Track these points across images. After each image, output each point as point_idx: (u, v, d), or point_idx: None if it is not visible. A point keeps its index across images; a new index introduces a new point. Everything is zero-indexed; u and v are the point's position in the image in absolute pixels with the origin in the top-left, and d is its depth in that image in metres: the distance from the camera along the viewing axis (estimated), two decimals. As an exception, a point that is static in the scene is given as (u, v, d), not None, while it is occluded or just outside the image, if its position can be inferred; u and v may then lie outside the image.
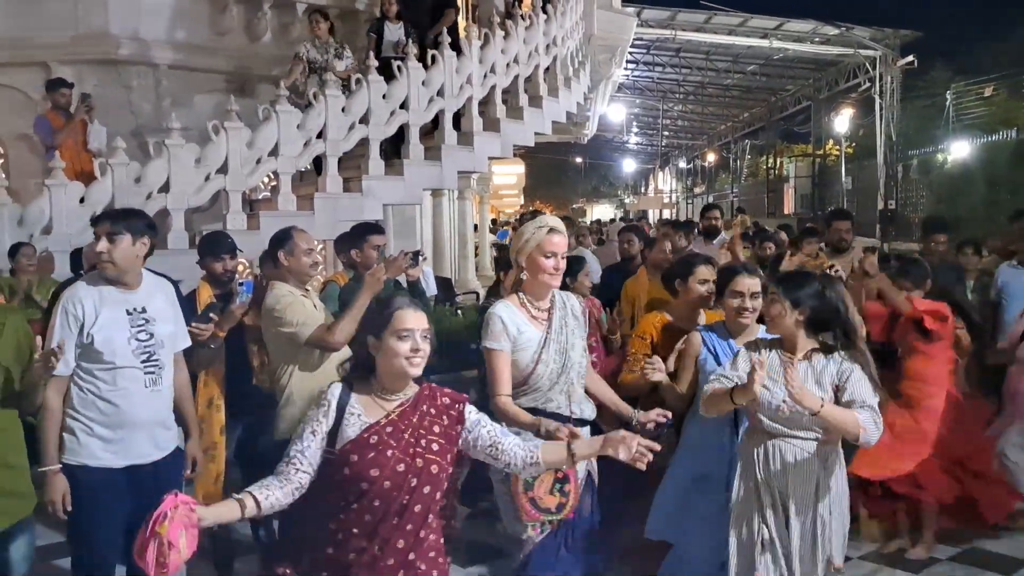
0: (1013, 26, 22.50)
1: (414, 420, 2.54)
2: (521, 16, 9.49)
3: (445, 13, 9.05)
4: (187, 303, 4.32)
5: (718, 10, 21.05)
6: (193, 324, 3.90)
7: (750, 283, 3.73)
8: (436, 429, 2.57)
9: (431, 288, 5.51)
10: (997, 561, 4.71)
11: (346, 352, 4.14)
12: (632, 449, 2.47)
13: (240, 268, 4.61)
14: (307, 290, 4.18)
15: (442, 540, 2.62)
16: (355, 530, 2.48)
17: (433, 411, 2.59)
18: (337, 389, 2.58)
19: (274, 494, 2.46)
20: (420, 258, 4.81)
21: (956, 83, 22.35)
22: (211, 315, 4.04)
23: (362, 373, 2.62)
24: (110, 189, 6.66)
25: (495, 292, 5.75)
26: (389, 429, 2.50)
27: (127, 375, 3.38)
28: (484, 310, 5.44)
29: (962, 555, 4.78)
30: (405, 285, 4.88)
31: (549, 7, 10.16)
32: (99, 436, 3.35)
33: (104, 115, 8.37)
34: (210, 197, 7.24)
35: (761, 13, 21.69)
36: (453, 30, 8.95)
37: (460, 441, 2.61)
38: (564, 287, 5.42)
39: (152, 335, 3.45)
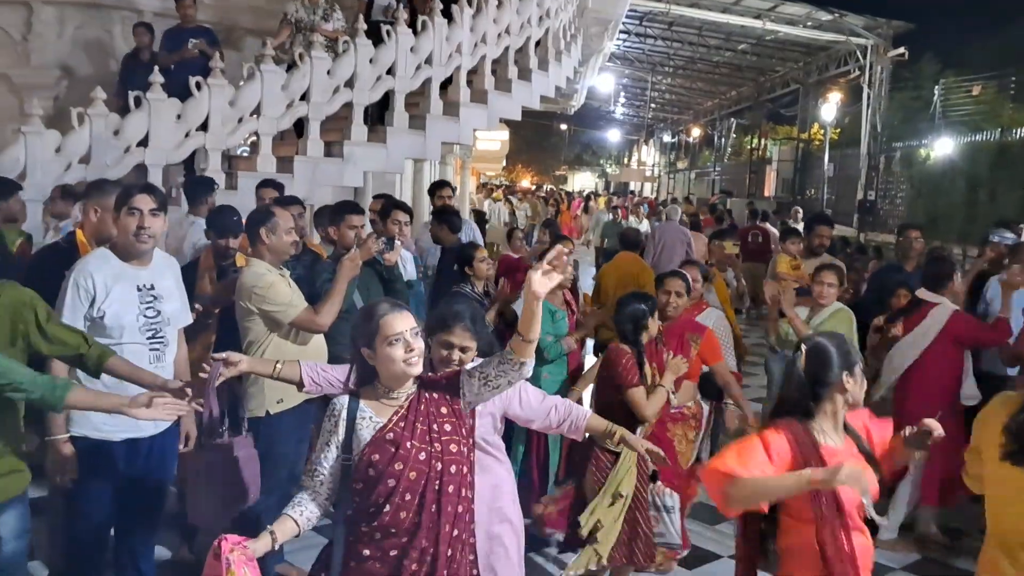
0: (1005, 25, 22.52)
1: (421, 408, 2.62)
2: (515, -14, 9.35)
3: None
4: (189, 272, 4.43)
5: (714, -13, 20.92)
6: None
7: None
8: (444, 410, 2.64)
9: (409, 272, 5.46)
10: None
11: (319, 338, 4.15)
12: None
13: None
14: (282, 269, 4.15)
15: None
16: (393, 530, 2.52)
17: (436, 395, 2.67)
18: (345, 399, 2.63)
19: (308, 508, 2.60)
20: (396, 243, 4.77)
21: (945, 78, 22.32)
22: (196, 305, 4.11)
23: (366, 381, 2.68)
24: (87, 140, 6.50)
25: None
26: (402, 424, 2.58)
27: (132, 351, 3.38)
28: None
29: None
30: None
31: (544, -22, 10.02)
32: None
33: (84, 60, 8.16)
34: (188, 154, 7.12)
35: (757, -7, 21.57)
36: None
37: (465, 406, 2.66)
38: None
39: (159, 312, 3.50)
